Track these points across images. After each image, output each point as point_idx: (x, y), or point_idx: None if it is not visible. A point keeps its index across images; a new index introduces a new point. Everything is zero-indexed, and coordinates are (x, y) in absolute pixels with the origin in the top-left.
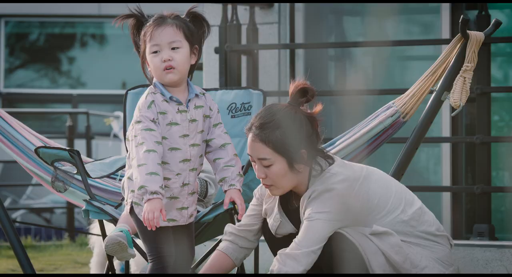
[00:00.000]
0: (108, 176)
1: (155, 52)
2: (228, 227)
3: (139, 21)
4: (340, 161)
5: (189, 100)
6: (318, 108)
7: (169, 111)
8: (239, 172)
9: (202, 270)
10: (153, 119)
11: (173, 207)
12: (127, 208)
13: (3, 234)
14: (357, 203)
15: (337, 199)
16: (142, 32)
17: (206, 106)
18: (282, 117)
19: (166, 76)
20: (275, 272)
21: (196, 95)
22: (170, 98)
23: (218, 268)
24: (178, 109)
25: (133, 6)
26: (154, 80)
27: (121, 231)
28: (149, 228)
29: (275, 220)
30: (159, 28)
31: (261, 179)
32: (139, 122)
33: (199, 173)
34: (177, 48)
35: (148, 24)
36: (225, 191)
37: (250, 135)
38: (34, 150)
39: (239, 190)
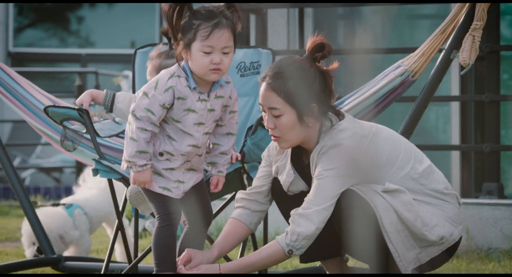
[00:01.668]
0: (117, 135)
1: (207, 52)
2: (239, 194)
3: (182, 7)
4: (350, 117)
5: (211, 90)
6: (334, 65)
7: (189, 97)
8: (230, 161)
9: (217, 240)
10: (164, 104)
11: (170, 177)
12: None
13: (13, 193)
14: (366, 159)
15: (346, 154)
16: (194, 24)
17: (226, 96)
18: (297, 69)
19: (210, 76)
20: (289, 233)
21: (221, 86)
22: (194, 88)
23: (233, 236)
24: (199, 97)
25: None
26: (183, 63)
27: None
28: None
29: (288, 176)
30: (217, 32)
31: (269, 130)
32: (147, 96)
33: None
34: (228, 52)
35: (201, 20)
36: (212, 175)
37: (263, 84)
38: (43, 109)
39: (224, 176)
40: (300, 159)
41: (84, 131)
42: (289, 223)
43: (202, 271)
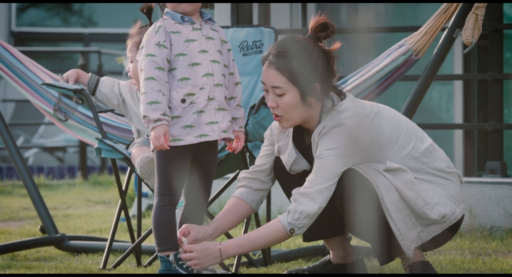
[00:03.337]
0: (112, 111)
1: None
2: (241, 173)
3: None
4: (351, 97)
5: (204, 22)
6: (336, 45)
7: (183, 30)
8: (244, 113)
9: (216, 217)
10: (159, 42)
11: (202, 122)
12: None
13: (16, 173)
14: (367, 138)
15: (347, 134)
16: None
17: (221, 32)
18: (300, 48)
19: (179, 6)
20: (291, 212)
21: (210, 20)
22: (182, 18)
23: (233, 214)
24: (192, 27)
25: None
26: (165, 10)
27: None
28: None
29: (290, 155)
30: None
31: (271, 109)
32: (142, 47)
33: (227, 97)
34: None
35: None
36: (233, 130)
37: (266, 63)
38: (42, 84)
39: (243, 131)
40: (302, 139)
41: (81, 102)
42: (291, 202)
43: (203, 247)
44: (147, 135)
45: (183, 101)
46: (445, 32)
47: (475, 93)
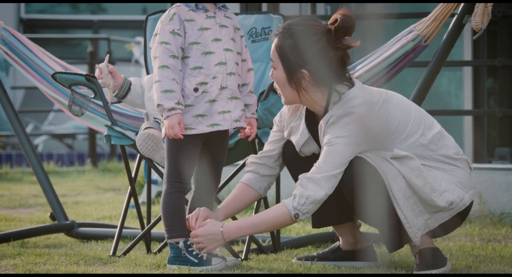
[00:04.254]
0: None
1: None
2: (249, 158)
3: None
4: (359, 84)
5: (218, 9)
6: (355, 44)
7: (197, 18)
8: (256, 100)
9: (224, 202)
10: (173, 30)
11: (214, 111)
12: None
13: (26, 160)
14: (376, 126)
15: (356, 122)
16: None
17: (234, 19)
18: (302, 31)
19: None
20: (297, 197)
21: (224, 7)
22: (196, 6)
23: (240, 200)
24: (206, 15)
25: None
26: None
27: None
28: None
29: (302, 136)
30: None
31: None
32: (156, 34)
33: (240, 84)
34: None
35: None
36: (246, 117)
37: (272, 34)
38: (51, 75)
39: (256, 118)
40: (314, 122)
41: (92, 96)
42: (297, 187)
43: (206, 232)
44: (155, 118)
45: (196, 90)
46: (454, 18)
47: (484, 79)
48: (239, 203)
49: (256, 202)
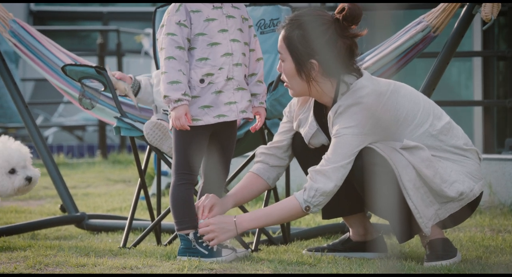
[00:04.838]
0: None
1: None
2: (259, 149)
3: None
4: (367, 75)
5: None
6: (362, 32)
7: (204, 9)
8: (265, 89)
9: (233, 190)
10: (180, 21)
11: (221, 102)
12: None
13: (36, 151)
14: (384, 117)
15: (364, 112)
16: None
17: (243, 9)
18: (310, 21)
19: None
20: (307, 189)
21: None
22: None
23: (249, 189)
24: (213, 6)
25: None
26: None
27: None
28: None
29: (311, 127)
30: None
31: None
32: (163, 26)
33: (247, 75)
34: None
35: None
36: (254, 106)
37: (280, 26)
38: (61, 68)
39: (265, 107)
40: (322, 113)
41: (103, 89)
42: (307, 180)
43: (218, 220)
44: (164, 110)
45: (202, 81)
46: (464, 9)
47: (494, 70)
48: (248, 192)
49: (266, 194)
